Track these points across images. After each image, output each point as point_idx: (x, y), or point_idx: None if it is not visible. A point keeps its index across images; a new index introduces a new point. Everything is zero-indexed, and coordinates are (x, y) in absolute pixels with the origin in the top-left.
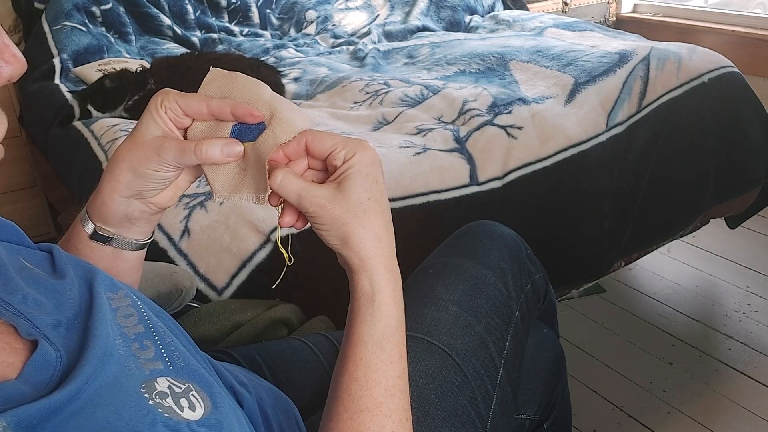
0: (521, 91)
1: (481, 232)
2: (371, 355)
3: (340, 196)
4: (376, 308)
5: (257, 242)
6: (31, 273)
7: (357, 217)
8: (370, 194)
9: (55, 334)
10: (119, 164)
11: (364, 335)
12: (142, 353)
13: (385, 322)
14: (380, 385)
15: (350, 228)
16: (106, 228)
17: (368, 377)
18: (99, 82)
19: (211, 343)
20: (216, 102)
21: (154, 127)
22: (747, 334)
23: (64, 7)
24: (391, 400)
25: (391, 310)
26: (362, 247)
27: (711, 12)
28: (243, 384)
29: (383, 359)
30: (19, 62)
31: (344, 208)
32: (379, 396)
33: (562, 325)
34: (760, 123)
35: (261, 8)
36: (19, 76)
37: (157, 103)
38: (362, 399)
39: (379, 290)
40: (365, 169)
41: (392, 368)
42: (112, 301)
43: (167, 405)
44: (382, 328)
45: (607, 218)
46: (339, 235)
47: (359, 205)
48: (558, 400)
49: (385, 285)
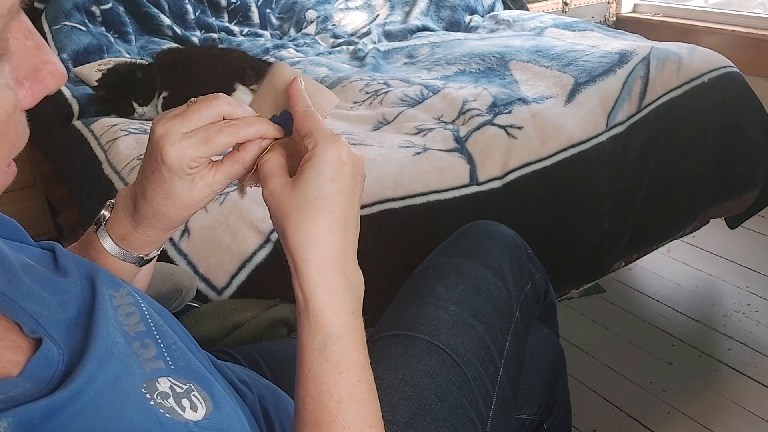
0: (521, 91)
1: (481, 232)
2: (317, 367)
3: (289, 189)
4: (312, 317)
5: (257, 242)
6: (35, 270)
7: (297, 215)
8: (319, 192)
9: (58, 332)
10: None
11: (306, 347)
12: (144, 352)
13: (324, 332)
14: (332, 398)
15: (286, 225)
16: (134, 252)
17: (318, 389)
18: (128, 73)
19: (211, 343)
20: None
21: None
22: (747, 334)
23: (64, 6)
24: (347, 411)
25: (329, 317)
26: (295, 249)
27: (711, 12)
28: (244, 382)
29: (330, 370)
30: (57, 78)
31: (288, 202)
32: (332, 409)
33: (562, 325)
34: (760, 123)
35: (261, 8)
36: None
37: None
38: (316, 413)
39: (311, 298)
40: (323, 164)
41: (342, 378)
42: (114, 299)
43: (169, 405)
44: (322, 338)
45: (607, 218)
46: (279, 232)
47: (303, 202)
48: (558, 400)
49: (318, 292)
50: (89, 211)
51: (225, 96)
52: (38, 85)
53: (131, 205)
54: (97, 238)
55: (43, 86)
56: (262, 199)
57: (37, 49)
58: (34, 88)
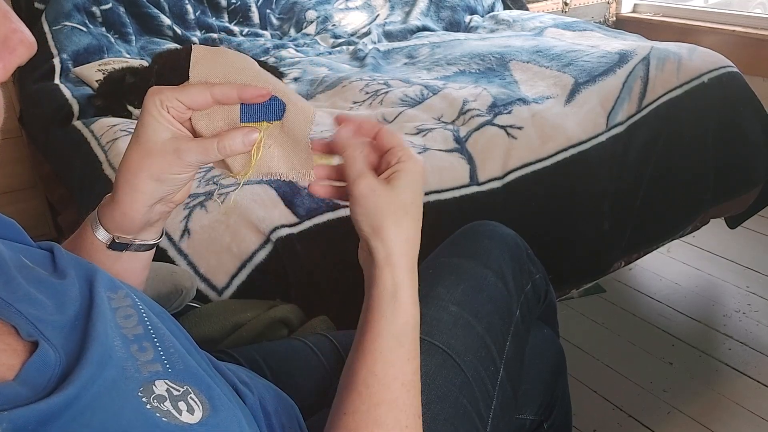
0: (521, 91)
1: (481, 232)
2: (390, 350)
3: (389, 190)
4: (398, 305)
5: (257, 242)
6: (33, 272)
7: (396, 214)
8: (413, 199)
9: (56, 335)
10: (138, 175)
11: (383, 330)
12: (141, 355)
13: (404, 320)
14: (397, 380)
15: (387, 221)
16: (124, 236)
17: (386, 372)
18: (119, 79)
19: (211, 344)
20: (219, 89)
21: (161, 130)
22: (747, 334)
23: (64, 7)
24: (407, 396)
25: (411, 308)
26: (392, 243)
27: (711, 12)
28: (245, 383)
29: (401, 355)
30: (27, 47)
31: (388, 201)
32: (396, 390)
33: (562, 325)
34: (760, 123)
35: (261, 8)
36: (29, 59)
37: (156, 105)
38: (380, 392)
39: (401, 287)
40: (416, 175)
41: (409, 365)
42: (112, 301)
43: (165, 409)
44: (402, 325)
45: (607, 218)
46: (374, 225)
47: (402, 204)
48: (558, 400)
49: (406, 284)
50: (89, 212)
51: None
52: (9, 55)
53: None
54: (90, 227)
55: (14, 56)
56: (262, 200)
57: (3, 18)
58: (4, 59)
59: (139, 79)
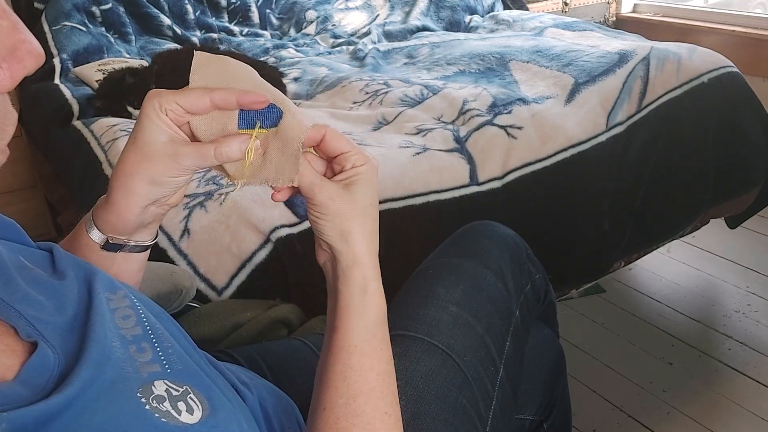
0: (521, 91)
1: (481, 232)
2: (364, 342)
3: (348, 195)
4: (367, 298)
5: (257, 242)
6: (32, 273)
7: (359, 217)
8: (371, 200)
9: (54, 336)
10: (134, 177)
11: (355, 325)
12: (140, 356)
13: (375, 312)
14: (373, 370)
15: (351, 224)
16: (118, 237)
17: (362, 363)
18: (118, 80)
19: (211, 344)
20: (219, 94)
21: (159, 133)
22: (747, 334)
23: (63, 7)
24: (383, 384)
25: (379, 299)
26: (359, 244)
27: (711, 12)
28: (245, 383)
29: (374, 346)
30: (35, 58)
31: (350, 206)
32: (372, 380)
33: (562, 325)
34: (760, 123)
35: (261, 8)
36: (36, 69)
37: (155, 107)
38: (357, 384)
39: (369, 281)
40: (372, 178)
41: (382, 354)
42: (111, 301)
43: (164, 409)
44: (374, 317)
45: (607, 218)
46: (339, 229)
47: (363, 207)
48: (558, 400)
49: (374, 279)
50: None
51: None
52: (17, 65)
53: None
54: (84, 228)
55: (21, 66)
56: (262, 200)
57: (13, 29)
58: (12, 68)
59: (139, 79)
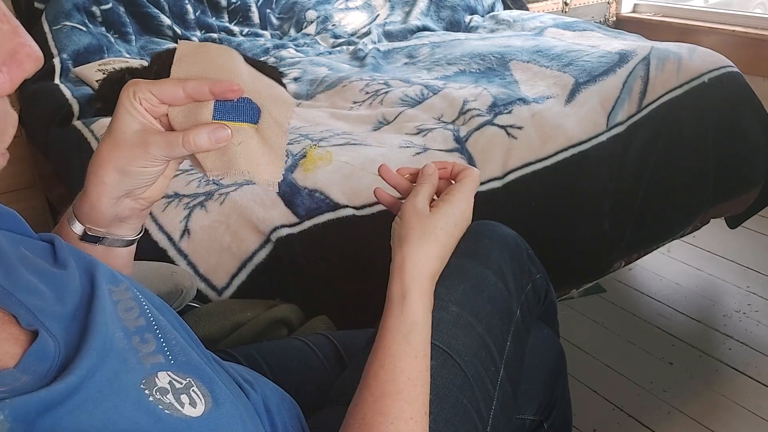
0: (521, 91)
1: (481, 232)
2: (398, 346)
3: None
4: (406, 306)
5: (257, 242)
6: (33, 262)
7: (422, 232)
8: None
9: (56, 325)
10: (104, 166)
11: (392, 327)
12: (143, 347)
13: (413, 320)
14: (404, 374)
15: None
16: (96, 228)
17: (394, 365)
18: (118, 80)
19: (211, 343)
20: (192, 84)
21: (131, 122)
22: (747, 334)
23: (64, 6)
24: (413, 390)
25: (420, 311)
26: (409, 253)
27: (711, 12)
28: (248, 381)
29: (408, 352)
30: (35, 61)
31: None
32: (401, 383)
33: (562, 325)
34: (760, 123)
35: (261, 8)
36: (35, 72)
37: (129, 96)
38: (386, 384)
39: (410, 292)
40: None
41: (416, 362)
42: (113, 293)
43: (168, 401)
44: (410, 325)
45: (607, 218)
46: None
47: (432, 227)
48: (558, 400)
49: (416, 289)
50: None
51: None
52: (16, 69)
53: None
54: (66, 219)
55: (21, 69)
56: (262, 200)
57: (13, 33)
58: (12, 72)
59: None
